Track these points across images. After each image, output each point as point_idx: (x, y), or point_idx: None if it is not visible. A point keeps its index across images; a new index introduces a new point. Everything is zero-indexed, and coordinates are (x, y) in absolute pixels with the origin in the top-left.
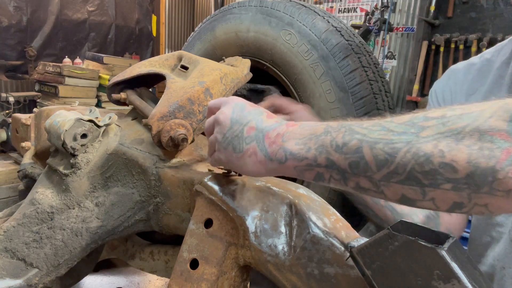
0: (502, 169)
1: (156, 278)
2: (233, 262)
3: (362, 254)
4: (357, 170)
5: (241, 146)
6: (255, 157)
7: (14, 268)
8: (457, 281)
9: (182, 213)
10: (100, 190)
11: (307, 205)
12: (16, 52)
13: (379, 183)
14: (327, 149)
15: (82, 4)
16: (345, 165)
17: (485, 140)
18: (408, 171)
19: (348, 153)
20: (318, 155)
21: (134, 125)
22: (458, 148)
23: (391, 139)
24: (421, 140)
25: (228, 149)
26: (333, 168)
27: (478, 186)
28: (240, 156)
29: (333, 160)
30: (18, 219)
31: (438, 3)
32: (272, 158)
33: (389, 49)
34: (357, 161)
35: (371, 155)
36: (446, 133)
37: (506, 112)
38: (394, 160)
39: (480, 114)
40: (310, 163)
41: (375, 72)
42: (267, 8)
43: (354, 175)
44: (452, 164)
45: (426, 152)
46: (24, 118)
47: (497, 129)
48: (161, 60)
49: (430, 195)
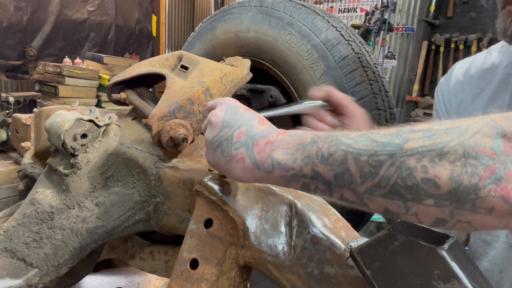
0: (484, 187)
1: (156, 278)
2: (233, 262)
3: (362, 254)
4: (342, 181)
5: (230, 150)
6: (242, 163)
7: (14, 268)
8: (457, 281)
9: (182, 213)
10: (100, 190)
11: (307, 205)
12: (16, 52)
13: (363, 195)
14: (313, 160)
15: (82, 4)
16: (330, 177)
17: (470, 157)
18: (391, 185)
19: (333, 164)
20: (304, 166)
21: (134, 125)
22: (441, 164)
23: (375, 151)
24: (405, 154)
25: (216, 152)
26: (318, 180)
27: (460, 203)
28: (228, 161)
29: (318, 171)
30: (18, 219)
31: (438, 3)
32: (259, 167)
33: (389, 49)
34: (342, 173)
35: (356, 167)
36: (430, 147)
37: (493, 129)
38: (378, 173)
39: (466, 130)
40: (296, 173)
41: (375, 72)
42: (267, 8)
43: (339, 187)
44: (435, 180)
45: (409, 167)
46: (24, 118)
47: (482, 146)
48: (161, 60)
49: (413, 210)
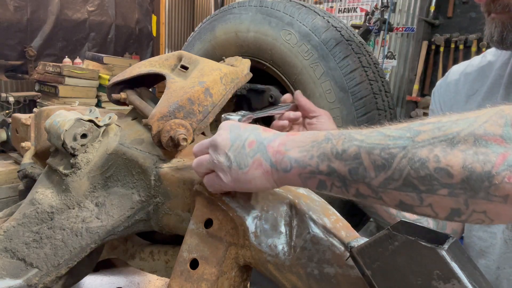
0: (498, 174)
1: (156, 278)
2: (233, 262)
3: (362, 254)
4: (357, 176)
5: (246, 161)
6: (261, 168)
7: (14, 268)
8: (457, 281)
9: (182, 213)
10: (100, 190)
11: (307, 205)
12: (16, 52)
13: (378, 189)
14: (328, 156)
15: (82, 4)
16: (345, 172)
17: (480, 145)
18: (404, 177)
19: (348, 159)
20: (320, 162)
21: (134, 125)
22: (453, 153)
23: (387, 144)
24: (417, 145)
25: (233, 168)
26: (334, 176)
27: (474, 191)
28: (247, 171)
29: (334, 167)
30: (18, 219)
31: (438, 3)
32: (277, 168)
33: (389, 49)
34: (356, 167)
35: (369, 161)
36: (441, 138)
37: (501, 117)
38: (391, 165)
39: (475, 120)
40: (313, 170)
41: (375, 72)
42: (267, 8)
43: (354, 182)
44: (448, 169)
45: (421, 158)
46: (24, 118)
47: (492, 134)
48: (161, 60)
49: (427, 201)
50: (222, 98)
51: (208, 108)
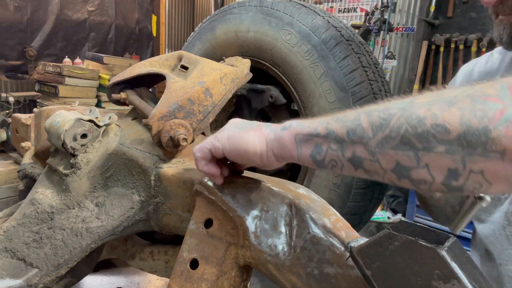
0: (495, 128)
1: (156, 278)
2: (233, 262)
3: (362, 254)
4: (354, 137)
5: (249, 125)
6: (259, 131)
7: (14, 268)
8: (457, 281)
9: (182, 213)
10: (100, 190)
11: (307, 205)
12: (16, 52)
13: (375, 149)
14: (328, 120)
15: (82, 4)
16: (342, 133)
17: (477, 103)
18: (401, 135)
19: (347, 121)
20: (319, 125)
21: (134, 125)
22: (450, 110)
23: (386, 107)
24: (415, 106)
25: (233, 128)
26: (331, 137)
27: (471, 148)
28: (243, 132)
29: (331, 128)
30: (18, 219)
31: (438, 3)
32: (275, 130)
33: (389, 49)
34: (354, 128)
35: (368, 121)
36: (440, 100)
37: (497, 83)
38: (389, 124)
39: (471, 87)
40: (310, 132)
41: (375, 72)
42: (267, 8)
43: (351, 143)
44: (445, 125)
45: (419, 115)
46: (24, 118)
47: (489, 94)
48: (161, 60)
49: (424, 161)
50: (222, 98)
51: (208, 108)
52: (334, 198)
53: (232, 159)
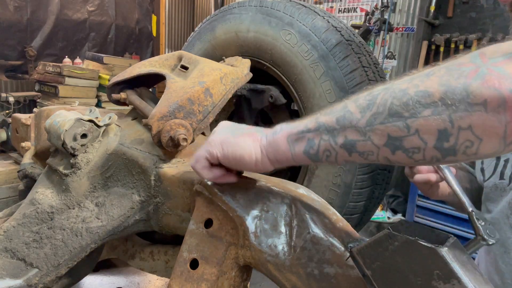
0: (473, 83)
1: (156, 278)
2: (233, 262)
3: (362, 254)
4: (344, 122)
5: (240, 131)
6: (252, 136)
7: (14, 268)
8: (457, 281)
9: (182, 213)
10: (100, 190)
11: (307, 205)
12: (16, 52)
13: (365, 129)
14: (317, 116)
15: (82, 4)
16: (332, 122)
17: (453, 70)
18: (388, 108)
19: (335, 112)
20: (309, 122)
21: (134, 125)
22: (429, 79)
23: (370, 92)
24: (396, 83)
25: (225, 135)
26: (322, 129)
27: (455, 105)
28: (237, 136)
29: (321, 121)
30: (18, 219)
31: (438, 3)
32: (266, 135)
33: (389, 49)
34: (343, 114)
35: (355, 106)
36: (419, 75)
37: (469, 53)
38: (374, 102)
39: (446, 62)
40: (301, 129)
41: (375, 72)
42: (267, 8)
43: (342, 129)
44: (427, 90)
45: (402, 88)
46: (24, 118)
47: (462, 62)
48: (161, 60)
49: (413, 127)
50: (222, 98)
51: (208, 108)
52: (334, 198)
53: (226, 164)
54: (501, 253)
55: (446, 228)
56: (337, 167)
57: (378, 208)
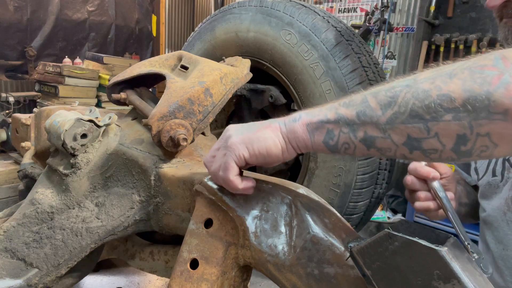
0: (496, 91)
1: (156, 278)
2: (233, 262)
3: (362, 254)
4: (364, 117)
5: (255, 127)
6: (270, 127)
7: (14, 268)
8: (457, 281)
9: (182, 213)
10: (100, 190)
11: (307, 205)
12: (16, 52)
13: (385, 126)
14: (336, 106)
15: (82, 4)
16: (352, 116)
17: (476, 73)
18: (410, 108)
19: (355, 105)
20: (328, 112)
21: (134, 125)
22: (452, 82)
23: (392, 86)
24: (419, 82)
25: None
26: (342, 122)
27: (476, 112)
28: (256, 131)
29: (341, 113)
30: (18, 219)
31: (438, 3)
32: (285, 122)
33: (389, 49)
34: (363, 110)
35: (376, 101)
36: (441, 74)
37: (491, 54)
38: (396, 100)
39: (468, 60)
40: (321, 119)
41: (375, 72)
42: (267, 8)
43: (362, 124)
44: (449, 94)
45: (424, 89)
46: (24, 118)
47: (484, 64)
48: (161, 60)
49: (433, 130)
50: (222, 98)
51: (208, 108)
52: (334, 198)
53: (254, 162)
54: (499, 251)
55: (446, 228)
56: (337, 167)
57: (378, 208)
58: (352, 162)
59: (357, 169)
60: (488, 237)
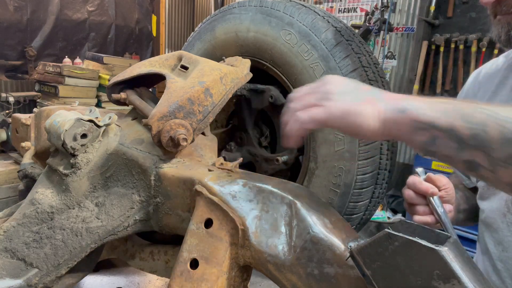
0: None
1: (156, 278)
2: (233, 262)
3: (362, 254)
4: (477, 142)
5: (362, 96)
6: (374, 105)
7: (14, 268)
8: (457, 281)
9: (182, 213)
10: (100, 190)
11: (307, 205)
12: (16, 52)
13: (498, 162)
14: (452, 114)
15: (82, 4)
16: (466, 135)
17: None
18: None
19: (472, 123)
20: (441, 116)
21: (134, 125)
22: None
23: None
24: None
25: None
26: (451, 134)
27: None
28: (359, 104)
29: (454, 125)
30: (18, 219)
31: (438, 3)
32: (392, 108)
33: (389, 49)
34: (480, 134)
35: (497, 132)
36: None
37: None
38: None
39: None
40: (430, 121)
41: (375, 72)
42: (267, 8)
43: (473, 148)
44: None
45: None
46: (24, 118)
47: None
48: (161, 60)
49: None
50: (222, 98)
51: (208, 108)
52: (334, 198)
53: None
54: (498, 252)
55: None
56: (337, 167)
57: (378, 208)
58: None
59: (357, 169)
60: (487, 239)
